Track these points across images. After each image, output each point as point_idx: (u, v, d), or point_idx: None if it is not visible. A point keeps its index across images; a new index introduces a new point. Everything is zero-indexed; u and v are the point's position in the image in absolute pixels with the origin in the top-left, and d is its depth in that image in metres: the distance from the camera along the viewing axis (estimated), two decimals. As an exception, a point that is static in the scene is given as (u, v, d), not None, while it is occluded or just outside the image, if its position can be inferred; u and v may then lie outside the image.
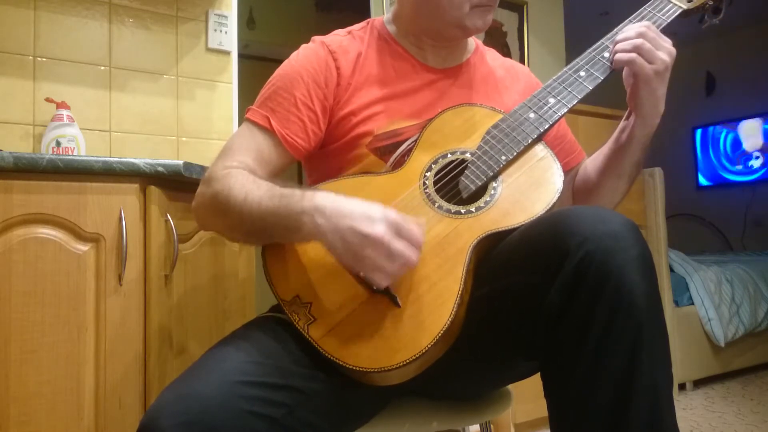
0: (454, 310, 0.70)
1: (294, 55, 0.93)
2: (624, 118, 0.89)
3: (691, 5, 0.90)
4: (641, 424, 0.60)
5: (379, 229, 0.67)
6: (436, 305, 0.71)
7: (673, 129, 4.54)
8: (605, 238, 0.63)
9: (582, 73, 0.86)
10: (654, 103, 0.84)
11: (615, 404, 0.61)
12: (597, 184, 0.96)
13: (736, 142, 4.40)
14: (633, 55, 0.82)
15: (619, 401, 0.61)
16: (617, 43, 0.84)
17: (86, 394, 1.03)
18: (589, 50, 0.88)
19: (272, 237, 0.78)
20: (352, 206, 0.70)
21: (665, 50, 0.82)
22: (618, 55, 0.83)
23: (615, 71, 0.86)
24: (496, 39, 2.78)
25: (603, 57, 0.86)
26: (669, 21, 0.88)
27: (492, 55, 1.05)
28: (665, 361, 0.64)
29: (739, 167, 4.38)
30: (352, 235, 0.68)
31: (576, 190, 1.01)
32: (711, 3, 0.91)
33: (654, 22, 0.88)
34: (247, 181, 0.79)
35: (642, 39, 0.81)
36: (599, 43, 0.88)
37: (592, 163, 0.98)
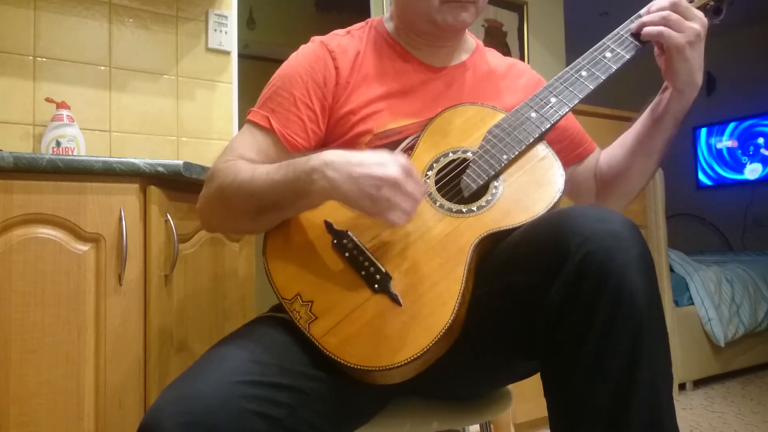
0: (455, 309, 0.70)
1: (293, 55, 0.93)
2: (659, 92, 0.89)
3: (692, 6, 0.90)
4: (641, 424, 0.60)
5: (393, 171, 0.70)
6: (437, 305, 0.71)
7: (673, 129, 4.52)
8: (606, 237, 0.63)
9: (584, 73, 0.86)
10: (689, 71, 0.83)
11: (615, 404, 0.61)
12: (626, 166, 0.95)
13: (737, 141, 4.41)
14: (660, 27, 0.82)
15: (619, 401, 0.61)
16: (646, 17, 0.85)
17: (86, 394, 1.03)
18: (591, 50, 0.88)
19: (283, 209, 0.78)
20: (360, 156, 0.72)
21: (696, 20, 0.82)
22: (646, 29, 0.83)
23: (616, 70, 0.86)
24: (496, 39, 2.78)
25: (605, 57, 0.86)
26: None
27: (492, 55, 1.05)
28: (665, 361, 0.64)
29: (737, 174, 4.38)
30: (368, 179, 0.70)
31: (601, 176, 1.00)
32: (712, 3, 0.91)
33: None
34: (252, 164, 0.81)
35: (668, 11, 0.82)
36: (601, 43, 0.88)
37: (618, 146, 0.97)
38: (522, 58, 2.86)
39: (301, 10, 3.64)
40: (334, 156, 0.73)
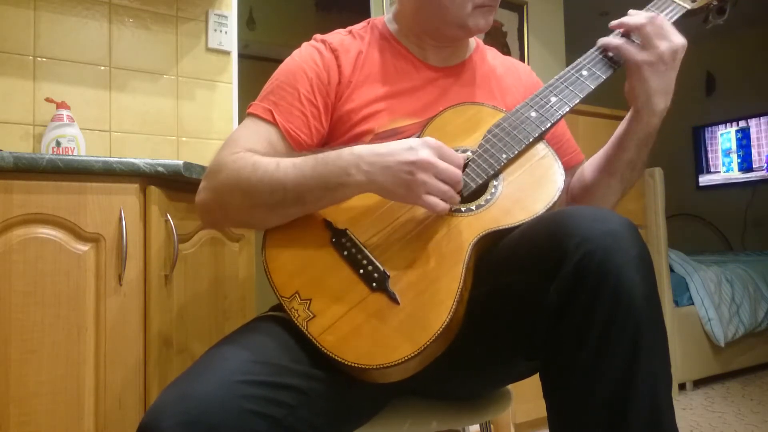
0: (453, 308, 0.70)
1: (296, 52, 0.93)
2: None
3: (695, 5, 0.90)
4: (640, 424, 0.60)
5: (424, 154, 0.71)
6: (435, 303, 0.71)
7: (673, 129, 4.55)
8: (604, 237, 0.63)
9: (584, 72, 0.86)
10: (647, 95, 0.81)
11: (614, 404, 0.61)
12: (590, 182, 0.94)
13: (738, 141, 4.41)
14: (621, 41, 0.81)
15: (619, 401, 0.61)
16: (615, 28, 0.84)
17: (86, 394, 1.03)
18: (592, 50, 0.88)
19: (306, 203, 0.77)
20: (389, 146, 0.73)
21: (665, 42, 0.80)
22: (607, 39, 0.83)
23: (617, 69, 0.86)
24: (496, 39, 2.78)
25: (606, 56, 0.86)
26: (672, 21, 0.88)
27: (493, 54, 1.05)
28: (664, 360, 0.64)
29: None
30: (401, 166, 0.71)
31: (571, 189, 1.00)
32: (715, 3, 0.91)
33: None
34: (271, 157, 0.80)
35: (638, 28, 0.81)
36: None
37: (590, 162, 0.97)
38: (522, 58, 2.86)
39: (301, 10, 3.64)
40: (365, 149, 0.74)
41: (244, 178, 0.78)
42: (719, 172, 4.52)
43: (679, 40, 0.81)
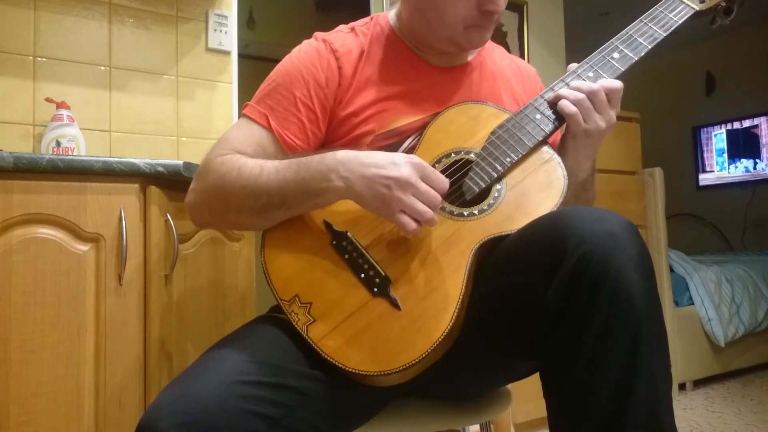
0: (455, 315, 0.70)
1: (295, 51, 0.91)
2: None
3: (703, 6, 0.90)
4: (640, 424, 0.60)
5: (405, 171, 0.70)
6: (436, 310, 0.71)
7: (673, 129, 4.55)
8: (603, 238, 0.63)
9: (590, 74, 0.85)
10: (576, 159, 0.85)
11: (613, 404, 0.61)
12: None
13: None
14: (575, 109, 0.81)
15: (618, 401, 0.61)
16: (563, 90, 0.84)
17: (86, 394, 1.03)
18: (596, 52, 0.87)
19: (290, 207, 0.77)
20: (374, 157, 0.73)
21: (605, 116, 0.82)
22: (563, 102, 0.82)
23: (622, 72, 0.86)
24: (496, 39, 2.77)
25: (612, 58, 0.86)
26: (681, 22, 0.87)
27: (500, 53, 1.04)
28: (664, 361, 0.63)
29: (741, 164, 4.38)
30: (380, 179, 0.70)
31: None
32: (723, 4, 0.91)
33: (665, 24, 0.87)
34: (257, 160, 0.80)
35: (586, 97, 0.81)
36: (608, 44, 0.87)
37: None
38: (522, 58, 2.86)
39: (301, 10, 3.64)
40: (348, 156, 0.74)
41: (229, 183, 0.79)
42: (719, 171, 4.52)
43: (616, 113, 0.83)
